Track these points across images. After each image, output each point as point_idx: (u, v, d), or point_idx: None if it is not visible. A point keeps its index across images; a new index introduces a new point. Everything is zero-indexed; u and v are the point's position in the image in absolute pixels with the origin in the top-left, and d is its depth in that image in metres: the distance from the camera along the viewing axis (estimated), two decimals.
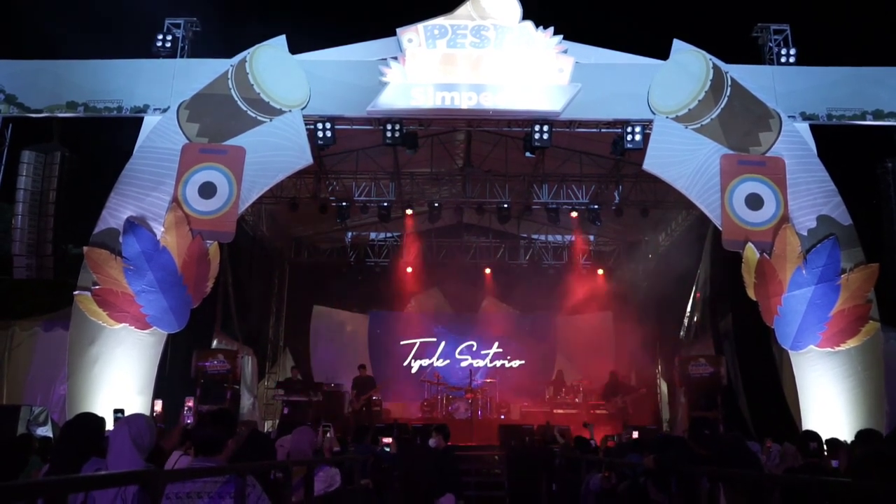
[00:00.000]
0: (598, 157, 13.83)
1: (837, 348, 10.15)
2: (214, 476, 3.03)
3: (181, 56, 11.55)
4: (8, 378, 11.03)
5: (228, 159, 10.81)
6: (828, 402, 10.04)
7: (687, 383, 12.21)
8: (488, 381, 16.63)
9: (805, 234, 10.52)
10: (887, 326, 10.49)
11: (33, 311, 11.65)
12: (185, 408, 10.35)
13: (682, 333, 14.66)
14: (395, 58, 10.88)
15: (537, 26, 11.02)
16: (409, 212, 15.54)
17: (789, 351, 10.37)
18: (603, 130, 11.74)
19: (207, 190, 10.70)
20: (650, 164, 11.02)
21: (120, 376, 10.08)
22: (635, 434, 12.57)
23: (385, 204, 14.60)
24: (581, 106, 10.95)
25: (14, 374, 11.05)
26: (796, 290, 10.35)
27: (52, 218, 10.92)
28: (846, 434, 8.54)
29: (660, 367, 16.22)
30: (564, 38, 11.04)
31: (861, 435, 5.19)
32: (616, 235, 18.09)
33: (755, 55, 11.87)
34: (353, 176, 14.69)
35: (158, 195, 10.63)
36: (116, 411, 8.40)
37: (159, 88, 11.14)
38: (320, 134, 11.10)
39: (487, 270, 18.54)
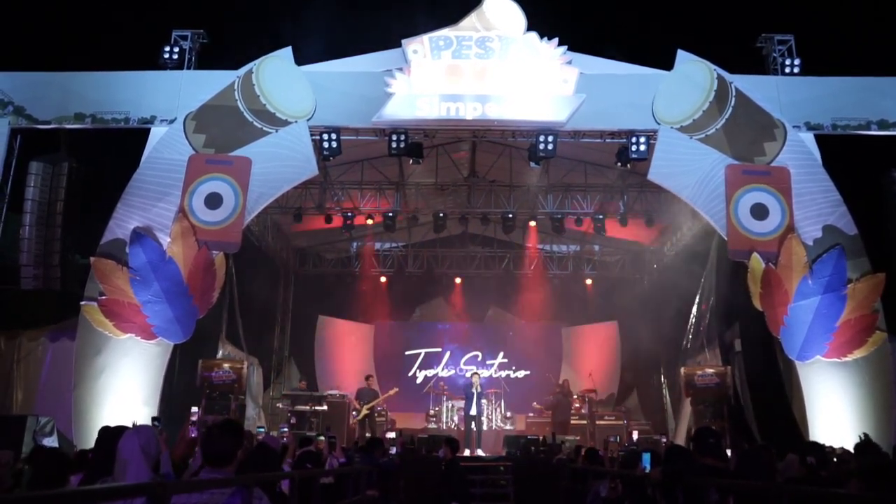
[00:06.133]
0: (603, 167, 13.85)
1: (844, 359, 10.10)
2: (221, 487, 3.03)
3: (188, 67, 11.66)
4: (20, 388, 11.05)
5: (234, 170, 10.87)
6: (835, 413, 9.97)
7: (693, 393, 12.17)
8: (493, 391, 16.58)
9: (811, 243, 10.50)
10: (895, 336, 10.43)
11: (40, 321, 11.67)
12: (190, 420, 10.36)
13: (687, 344, 14.60)
14: (401, 69, 10.94)
15: (541, 37, 11.07)
16: (414, 222, 15.55)
17: (796, 361, 10.31)
18: (607, 140, 11.76)
19: (213, 200, 10.75)
20: (655, 174, 11.03)
21: (126, 386, 10.09)
22: (635, 434, 12.64)
23: (390, 214, 14.63)
24: (586, 116, 10.98)
25: (24, 384, 11.08)
26: (802, 301, 10.31)
27: (59, 228, 10.98)
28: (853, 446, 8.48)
29: (664, 377, 16.15)
30: (569, 49, 11.09)
31: (860, 447, 5.15)
32: (621, 245, 18.07)
33: (759, 65, 11.91)
34: (359, 186, 14.73)
35: (165, 206, 10.68)
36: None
37: (166, 100, 11.22)
38: (326, 144, 11.15)
39: (492, 280, 18.52)
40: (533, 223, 15.64)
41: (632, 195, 14.46)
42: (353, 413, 13.93)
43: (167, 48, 11.53)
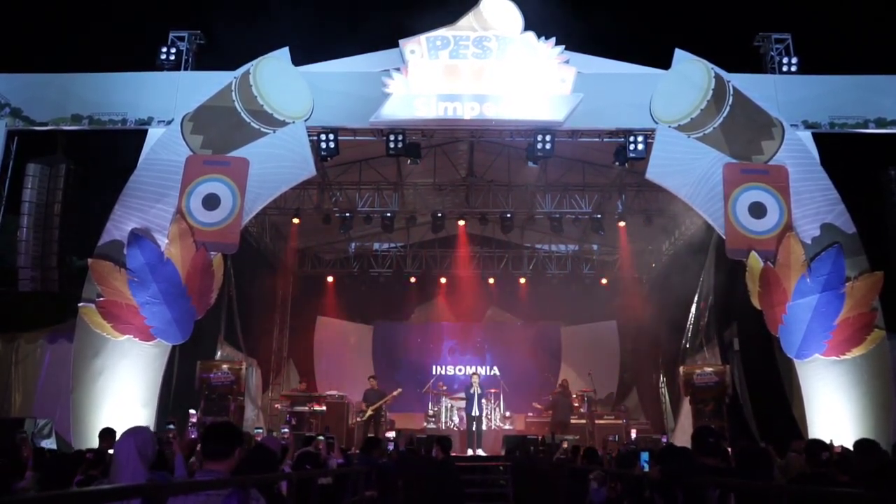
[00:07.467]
0: (601, 167, 13.84)
1: (843, 357, 10.09)
2: (217, 489, 3.02)
3: (185, 69, 11.63)
4: (18, 390, 11.03)
5: (232, 171, 10.85)
6: (834, 411, 9.97)
7: (692, 392, 12.16)
8: (492, 391, 16.58)
9: (809, 242, 10.49)
10: (893, 334, 10.43)
11: (38, 323, 11.65)
12: (189, 422, 10.36)
13: (686, 342, 14.60)
14: (398, 69, 10.92)
15: (539, 37, 11.06)
16: (412, 222, 15.54)
17: (794, 360, 10.31)
18: (605, 140, 11.76)
19: (211, 201, 10.72)
20: (653, 173, 11.02)
21: (124, 388, 10.07)
22: (633, 433, 12.67)
23: (388, 214, 14.61)
24: (583, 115, 10.97)
25: (23, 386, 11.05)
26: (801, 299, 10.31)
27: (56, 230, 10.96)
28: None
29: (663, 376, 16.15)
30: (566, 49, 11.08)
31: (861, 445, 5.12)
32: (619, 245, 18.05)
33: (757, 64, 11.91)
34: (357, 186, 14.72)
35: (163, 207, 10.66)
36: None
37: (163, 101, 11.20)
38: (323, 145, 11.13)
39: (491, 280, 18.51)
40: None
41: (630, 194, 14.46)
42: (359, 415, 13.91)
43: (164, 49, 11.50)
